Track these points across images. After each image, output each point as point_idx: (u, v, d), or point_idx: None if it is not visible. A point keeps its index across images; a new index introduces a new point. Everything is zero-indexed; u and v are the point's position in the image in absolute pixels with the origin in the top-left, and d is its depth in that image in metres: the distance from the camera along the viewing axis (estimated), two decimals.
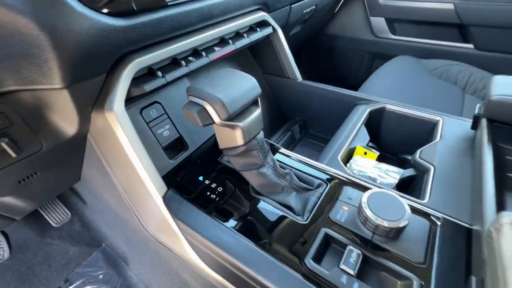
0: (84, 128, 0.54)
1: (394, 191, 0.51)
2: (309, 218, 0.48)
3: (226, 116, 0.43)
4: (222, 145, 0.50)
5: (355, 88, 1.04)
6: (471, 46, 1.36)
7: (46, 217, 1.13)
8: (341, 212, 0.48)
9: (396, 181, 0.57)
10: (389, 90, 1.11)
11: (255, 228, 0.48)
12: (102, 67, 0.48)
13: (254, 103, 0.49)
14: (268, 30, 0.86)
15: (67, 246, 1.13)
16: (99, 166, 0.63)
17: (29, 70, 0.40)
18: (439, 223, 0.46)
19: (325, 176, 0.56)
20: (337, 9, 1.65)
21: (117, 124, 0.50)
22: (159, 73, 0.56)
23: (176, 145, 0.65)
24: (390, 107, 0.78)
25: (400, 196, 0.49)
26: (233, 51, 0.72)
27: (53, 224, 1.13)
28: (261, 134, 0.51)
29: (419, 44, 1.49)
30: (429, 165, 0.57)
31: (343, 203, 0.50)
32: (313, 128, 1.10)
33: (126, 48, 0.50)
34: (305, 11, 1.17)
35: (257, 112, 0.48)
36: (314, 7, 1.25)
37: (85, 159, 0.68)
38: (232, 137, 0.47)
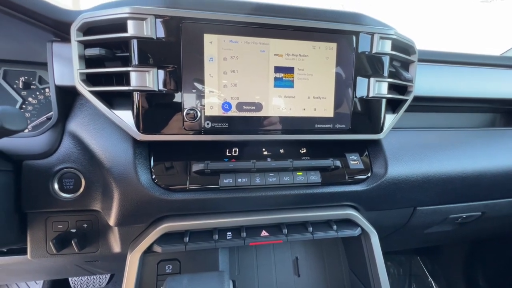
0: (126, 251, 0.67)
1: None
2: None
3: None
4: None
5: None
6: None
7: None
8: None
9: None
10: None
11: None
12: (143, 221, 0.60)
13: None
14: (351, 233, 0.69)
15: None
16: None
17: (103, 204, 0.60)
18: None
19: None
20: None
21: (127, 267, 0.58)
22: (186, 239, 0.60)
23: None
24: None
25: None
26: (281, 242, 0.65)
27: None
28: None
29: None
30: None
31: None
32: None
33: (163, 213, 0.60)
34: (452, 216, 0.85)
35: None
36: (479, 213, 0.89)
37: None
38: None
